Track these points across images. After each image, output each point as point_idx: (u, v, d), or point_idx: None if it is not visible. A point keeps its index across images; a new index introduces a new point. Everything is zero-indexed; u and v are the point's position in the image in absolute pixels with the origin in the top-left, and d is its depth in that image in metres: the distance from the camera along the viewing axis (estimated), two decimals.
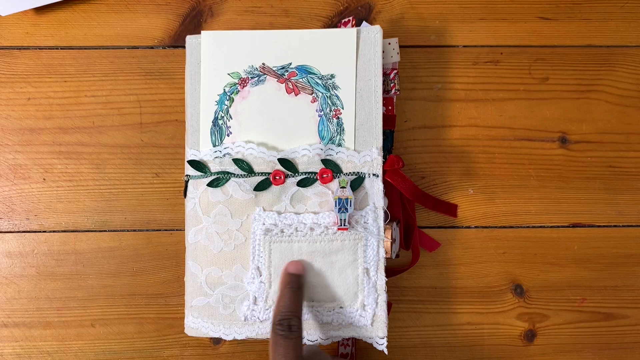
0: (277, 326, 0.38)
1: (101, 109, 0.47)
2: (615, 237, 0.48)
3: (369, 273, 0.42)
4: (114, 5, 0.48)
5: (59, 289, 0.46)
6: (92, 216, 0.47)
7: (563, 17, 0.48)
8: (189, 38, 0.44)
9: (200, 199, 0.43)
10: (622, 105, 0.48)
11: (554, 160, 0.48)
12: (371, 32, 0.44)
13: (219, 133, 0.44)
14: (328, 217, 0.43)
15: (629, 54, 0.48)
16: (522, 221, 0.48)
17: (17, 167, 0.47)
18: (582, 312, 0.48)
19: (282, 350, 0.37)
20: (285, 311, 0.38)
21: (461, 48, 0.48)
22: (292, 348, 0.37)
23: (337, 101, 0.43)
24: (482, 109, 0.48)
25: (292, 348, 0.37)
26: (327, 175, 0.43)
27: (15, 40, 0.47)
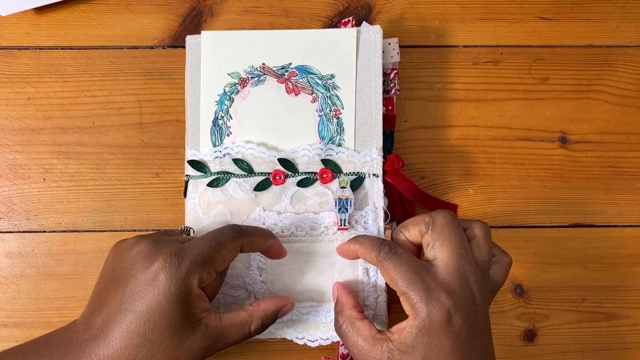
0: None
1: (101, 109, 0.47)
2: (615, 237, 0.48)
3: (369, 273, 0.42)
4: (114, 5, 0.48)
5: (59, 289, 0.46)
6: (92, 216, 0.47)
7: (563, 17, 0.48)
8: (189, 38, 0.44)
9: (200, 199, 0.43)
10: (622, 105, 0.48)
11: (554, 160, 0.48)
12: (371, 32, 0.44)
13: (219, 133, 0.44)
14: (328, 217, 0.43)
15: (629, 54, 0.48)
16: (522, 221, 0.48)
17: (17, 167, 0.47)
18: (582, 312, 0.48)
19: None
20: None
21: (461, 48, 0.48)
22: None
23: (337, 101, 0.43)
24: (482, 109, 0.48)
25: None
26: (327, 175, 0.43)
27: (15, 40, 0.47)
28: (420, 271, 0.35)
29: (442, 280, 0.35)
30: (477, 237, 0.37)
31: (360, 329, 0.36)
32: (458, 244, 0.36)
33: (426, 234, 0.37)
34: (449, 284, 0.34)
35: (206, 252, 0.35)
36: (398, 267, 0.35)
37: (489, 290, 0.37)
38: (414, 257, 0.36)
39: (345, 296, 0.39)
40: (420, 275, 0.35)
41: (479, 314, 0.35)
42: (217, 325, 0.35)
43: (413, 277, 0.35)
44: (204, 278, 0.35)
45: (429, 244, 0.37)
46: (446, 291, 0.34)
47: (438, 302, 0.34)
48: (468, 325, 0.34)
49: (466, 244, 0.36)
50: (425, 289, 0.34)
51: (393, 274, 0.35)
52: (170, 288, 0.33)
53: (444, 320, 0.33)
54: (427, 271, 0.35)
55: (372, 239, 0.38)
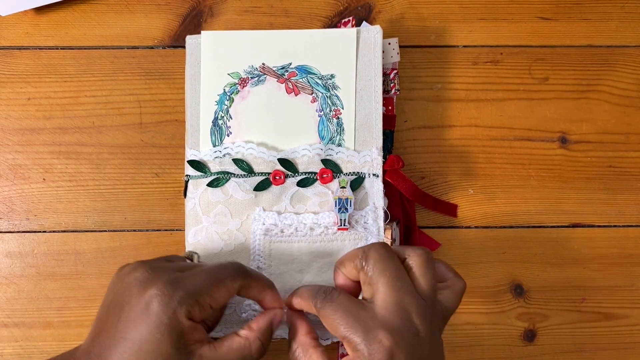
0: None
1: (101, 109, 0.47)
2: (615, 237, 0.48)
3: None
4: (114, 5, 0.48)
5: (59, 289, 0.46)
6: (92, 216, 0.47)
7: (563, 17, 0.48)
8: (189, 38, 0.44)
9: (200, 199, 0.43)
10: (622, 105, 0.48)
11: (554, 160, 0.48)
12: (371, 32, 0.44)
13: (219, 133, 0.44)
14: (328, 217, 0.43)
15: (629, 54, 0.48)
16: (522, 221, 0.48)
17: (17, 167, 0.47)
18: (582, 312, 0.48)
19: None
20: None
21: (461, 48, 0.48)
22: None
23: (337, 101, 0.43)
24: (482, 109, 0.48)
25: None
26: (327, 175, 0.43)
27: (15, 40, 0.47)
28: (357, 312, 0.33)
29: (381, 318, 0.33)
30: (416, 266, 0.35)
31: (312, 357, 0.35)
32: (394, 277, 0.34)
33: (361, 270, 0.35)
34: (388, 321, 0.33)
35: (202, 286, 0.34)
36: (334, 312, 0.33)
37: (437, 319, 0.35)
38: (351, 298, 0.34)
39: (299, 321, 0.37)
40: (357, 317, 0.33)
41: (425, 346, 0.33)
42: (212, 356, 0.34)
43: (350, 319, 0.33)
44: (196, 312, 0.33)
45: (365, 281, 0.35)
46: (385, 329, 0.32)
47: (377, 343, 0.32)
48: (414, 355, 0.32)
49: (404, 275, 0.34)
50: (363, 329, 0.32)
51: (330, 320, 0.34)
52: (162, 318, 0.32)
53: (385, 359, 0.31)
54: (365, 310, 0.33)
55: (310, 289, 0.36)
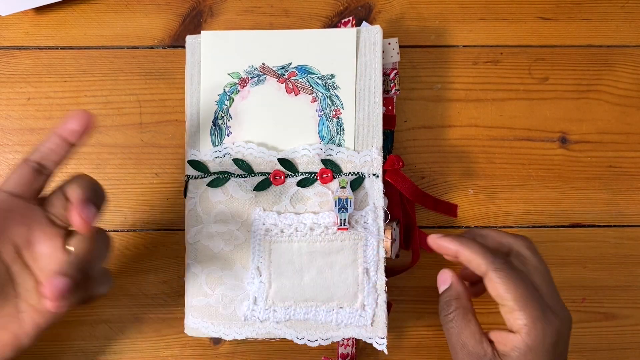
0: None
1: (101, 109, 0.47)
2: (615, 237, 0.48)
3: (369, 273, 0.42)
4: (114, 5, 0.48)
5: None
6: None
7: (563, 17, 0.48)
8: (189, 38, 0.44)
9: (200, 199, 0.43)
10: (622, 105, 0.48)
11: (554, 160, 0.48)
12: (371, 32, 0.44)
13: (219, 133, 0.44)
14: (328, 217, 0.43)
15: (629, 54, 0.48)
16: (522, 221, 0.48)
17: None
18: (582, 312, 0.48)
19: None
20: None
21: (461, 48, 0.48)
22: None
23: (337, 101, 0.43)
24: (482, 109, 0.48)
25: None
26: (327, 175, 0.43)
27: (15, 40, 0.47)
28: (532, 289, 0.35)
29: (549, 302, 0.36)
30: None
31: (471, 322, 0.37)
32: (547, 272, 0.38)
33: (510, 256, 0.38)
34: (554, 307, 0.36)
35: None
36: (513, 283, 0.35)
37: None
38: (527, 275, 0.36)
39: (462, 286, 0.39)
40: (534, 293, 0.35)
41: (569, 340, 0.36)
42: None
43: (529, 295, 0.35)
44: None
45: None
46: (554, 313, 0.35)
47: (553, 326, 0.34)
48: (566, 348, 0.36)
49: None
50: (542, 310, 0.35)
51: (506, 288, 0.35)
52: None
53: (554, 343, 0.34)
54: (536, 291, 0.36)
55: (483, 247, 0.37)
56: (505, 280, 0.35)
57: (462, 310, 0.37)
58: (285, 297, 0.43)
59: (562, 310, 0.36)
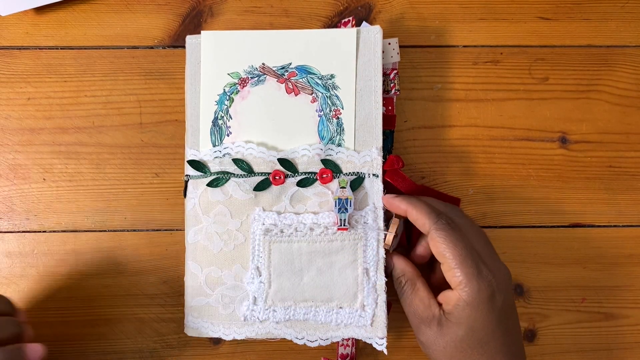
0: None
1: (101, 109, 0.47)
2: (615, 237, 0.48)
3: (369, 273, 0.42)
4: (114, 5, 0.48)
5: (59, 289, 0.46)
6: (92, 216, 0.47)
7: (563, 17, 0.48)
8: (189, 38, 0.44)
9: (200, 199, 0.43)
10: (622, 105, 0.48)
11: (554, 160, 0.48)
12: (371, 32, 0.44)
13: (218, 133, 0.44)
14: (328, 217, 0.43)
15: (629, 54, 0.48)
16: (522, 221, 0.48)
17: (17, 167, 0.47)
18: (582, 312, 0.48)
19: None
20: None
21: (461, 48, 0.48)
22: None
23: (337, 101, 0.43)
24: (482, 109, 0.48)
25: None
26: (327, 176, 0.43)
27: (15, 40, 0.47)
28: (471, 248, 0.38)
29: (486, 261, 0.38)
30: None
31: (419, 290, 0.40)
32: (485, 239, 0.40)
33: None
34: (491, 266, 0.38)
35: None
36: (453, 242, 0.38)
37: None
38: (466, 235, 0.38)
39: (404, 261, 0.42)
40: (472, 252, 0.38)
41: (510, 294, 0.39)
42: None
43: (467, 253, 0.37)
44: None
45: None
46: (491, 272, 0.37)
47: (486, 281, 0.37)
48: (506, 302, 0.38)
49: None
50: (476, 267, 0.37)
51: (446, 246, 0.38)
52: None
53: (489, 297, 0.37)
54: (475, 250, 0.38)
55: (429, 207, 0.40)
56: (445, 239, 0.38)
57: (410, 282, 0.40)
58: (285, 297, 0.43)
59: (497, 266, 0.38)
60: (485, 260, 0.38)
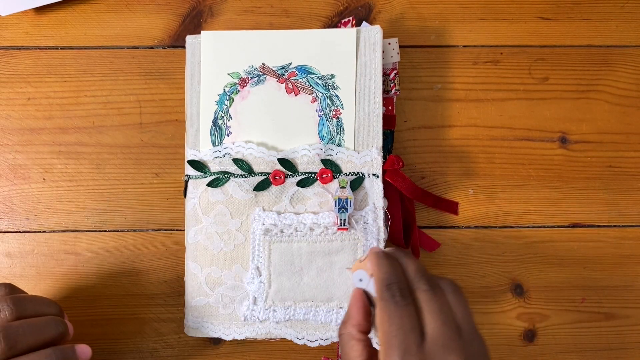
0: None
1: (101, 109, 0.47)
2: (615, 237, 0.48)
3: None
4: (114, 5, 0.48)
5: (59, 289, 0.46)
6: (92, 216, 0.47)
7: (563, 17, 0.48)
8: (189, 38, 0.44)
9: (200, 199, 0.43)
10: (622, 105, 0.48)
11: (554, 160, 0.48)
12: (371, 32, 0.44)
13: (218, 133, 0.44)
14: (328, 217, 0.43)
15: (629, 54, 0.48)
16: (522, 221, 0.48)
17: (17, 167, 0.47)
18: (582, 312, 0.48)
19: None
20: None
21: (461, 48, 0.48)
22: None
23: (337, 101, 0.43)
24: (482, 109, 0.48)
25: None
26: (327, 176, 0.43)
27: (15, 40, 0.47)
28: (407, 333, 0.31)
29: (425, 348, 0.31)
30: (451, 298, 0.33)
31: (353, 348, 0.33)
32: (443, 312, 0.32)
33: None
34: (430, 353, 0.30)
35: None
36: (387, 318, 0.31)
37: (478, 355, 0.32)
38: (414, 317, 0.31)
39: (356, 310, 0.35)
40: (405, 338, 0.31)
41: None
42: None
43: (397, 337, 0.31)
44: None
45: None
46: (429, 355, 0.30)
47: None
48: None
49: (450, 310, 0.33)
50: (403, 353, 0.30)
51: (380, 321, 0.32)
52: None
53: None
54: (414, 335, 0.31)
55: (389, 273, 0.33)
56: (380, 316, 0.32)
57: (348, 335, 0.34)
58: (285, 297, 0.43)
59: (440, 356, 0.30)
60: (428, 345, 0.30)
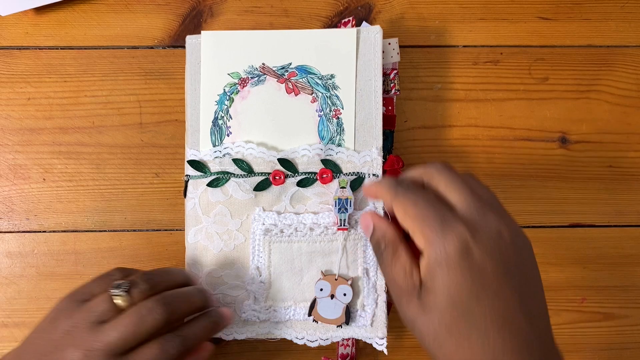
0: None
1: (101, 109, 0.47)
2: (615, 237, 0.48)
3: (369, 273, 0.42)
4: (114, 5, 0.48)
5: (59, 289, 0.46)
6: (92, 216, 0.47)
7: (563, 17, 0.48)
8: (189, 38, 0.44)
9: (200, 199, 0.43)
10: (622, 105, 0.48)
11: (554, 160, 0.48)
12: (371, 32, 0.44)
13: (218, 133, 0.44)
14: (328, 217, 0.43)
15: (629, 54, 0.48)
16: (522, 221, 0.48)
17: (17, 167, 0.47)
18: (582, 312, 0.48)
19: None
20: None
21: (461, 48, 0.48)
22: None
23: (337, 101, 0.43)
24: (482, 109, 0.48)
25: None
26: (327, 176, 0.43)
27: (15, 40, 0.47)
28: (435, 204, 0.32)
29: (461, 213, 0.31)
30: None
31: (401, 256, 0.33)
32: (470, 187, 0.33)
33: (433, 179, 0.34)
34: (468, 217, 0.31)
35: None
36: (411, 205, 0.32)
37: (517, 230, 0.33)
38: (432, 194, 0.33)
39: (386, 222, 0.35)
40: (436, 208, 0.31)
41: (510, 251, 0.31)
42: None
43: (428, 208, 0.31)
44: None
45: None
46: (464, 222, 0.31)
47: (453, 232, 0.30)
48: (494, 260, 0.30)
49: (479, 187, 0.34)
50: (441, 220, 0.31)
51: (404, 212, 0.32)
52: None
53: (460, 252, 0.30)
54: (444, 205, 0.32)
55: (391, 179, 0.34)
56: (403, 206, 0.32)
57: (391, 246, 0.34)
58: (285, 297, 0.43)
59: (484, 216, 0.31)
60: (463, 212, 0.31)
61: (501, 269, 0.30)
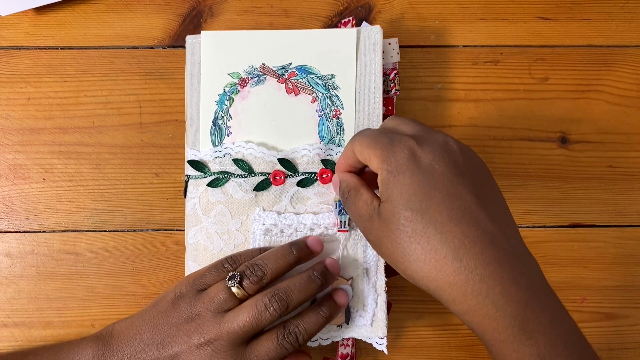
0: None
1: (101, 109, 0.47)
2: (615, 237, 0.48)
3: (369, 273, 0.42)
4: (114, 5, 0.48)
5: (59, 289, 0.46)
6: (92, 216, 0.47)
7: (563, 17, 0.48)
8: (189, 38, 0.44)
9: (200, 199, 0.43)
10: (622, 105, 0.48)
11: (554, 160, 0.48)
12: (371, 32, 0.44)
13: (219, 133, 0.44)
14: (328, 218, 0.43)
15: (629, 54, 0.48)
16: (522, 221, 0.48)
17: (17, 167, 0.47)
18: (582, 312, 0.48)
19: None
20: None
21: (461, 48, 0.48)
22: None
23: (337, 101, 0.43)
24: (482, 108, 0.48)
25: None
26: (327, 176, 0.43)
27: (15, 40, 0.47)
28: (387, 132, 0.34)
29: (410, 134, 0.34)
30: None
31: (363, 194, 0.35)
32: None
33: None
34: (415, 133, 0.34)
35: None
36: (367, 135, 0.35)
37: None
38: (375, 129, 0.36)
39: (349, 174, 0.38)
40: (387, 134, 0.34)
41: (458, 157, 0.33)
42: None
43: (380, 136, 0.34)
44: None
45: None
46: (411, 137, 0.33)
47: (401, 144, 0.32)
48: (442, 162, 0.32)
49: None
50: (390, 139, 0.33)
51: (358, 143, 0.35)
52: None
53: (408, 157, 0.32)
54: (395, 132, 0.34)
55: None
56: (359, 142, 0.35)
57: (354, 189, 0.36)
58: None
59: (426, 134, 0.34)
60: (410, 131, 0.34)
61: (451, 170, 0.32)
